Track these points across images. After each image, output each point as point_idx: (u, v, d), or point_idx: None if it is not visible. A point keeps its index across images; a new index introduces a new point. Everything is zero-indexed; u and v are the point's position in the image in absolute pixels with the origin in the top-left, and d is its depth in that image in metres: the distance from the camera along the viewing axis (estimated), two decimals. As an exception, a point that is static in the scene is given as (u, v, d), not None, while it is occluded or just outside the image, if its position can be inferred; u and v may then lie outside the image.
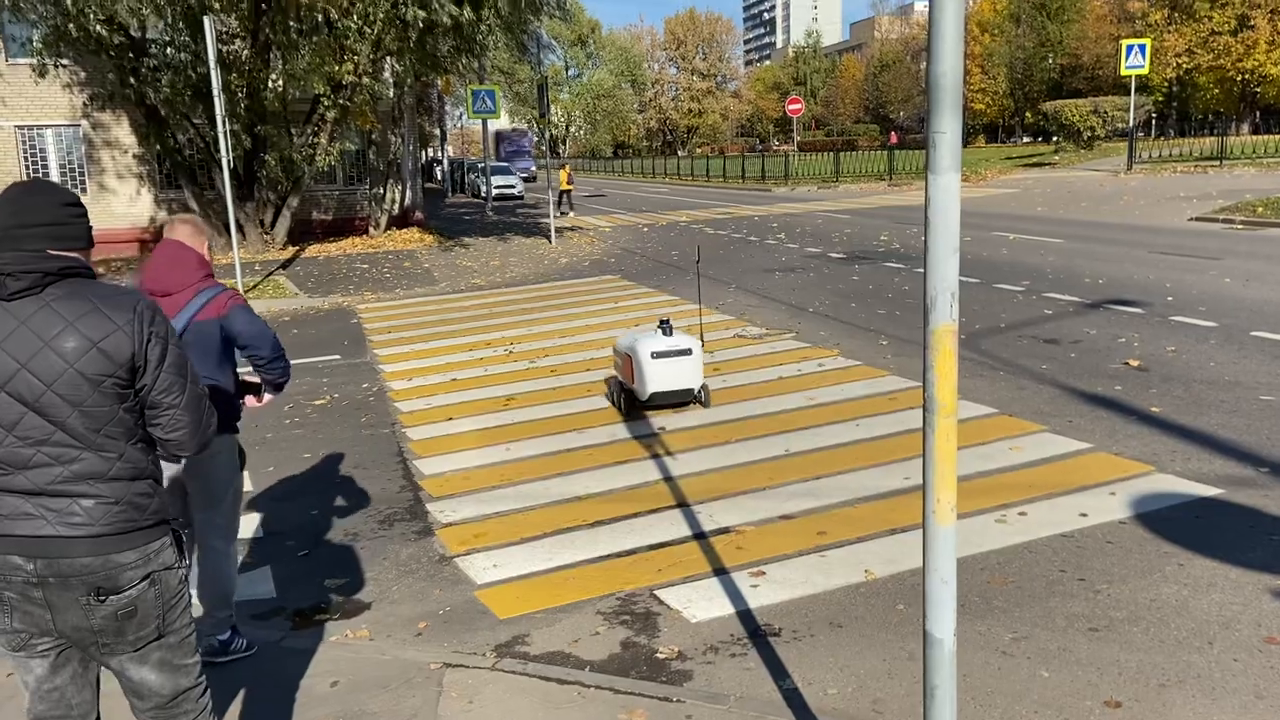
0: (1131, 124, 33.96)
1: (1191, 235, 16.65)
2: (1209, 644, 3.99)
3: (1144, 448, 6.36)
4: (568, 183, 33.66)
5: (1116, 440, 6.53)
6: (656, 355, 7.71)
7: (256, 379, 4.21)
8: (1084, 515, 5.34)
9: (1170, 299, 11.09)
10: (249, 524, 5.99)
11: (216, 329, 3.93)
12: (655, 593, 4.76)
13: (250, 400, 4.20)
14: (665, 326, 7.98)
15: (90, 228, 2.58)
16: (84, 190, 23.17)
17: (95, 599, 2.41)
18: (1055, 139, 41.93)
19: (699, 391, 8.01)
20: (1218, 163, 31.26)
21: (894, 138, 67.77)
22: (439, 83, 30.90)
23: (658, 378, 7.73)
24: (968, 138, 75.53)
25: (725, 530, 5.45)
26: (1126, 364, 8.43)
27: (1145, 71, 33.18)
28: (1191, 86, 59.84)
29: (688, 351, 7.82)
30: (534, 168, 64.41)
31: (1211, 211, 19.12)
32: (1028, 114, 69.33)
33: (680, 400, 7.98)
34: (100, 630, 2.45)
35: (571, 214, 31.07)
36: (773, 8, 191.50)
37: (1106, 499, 5.56)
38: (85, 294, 2.41)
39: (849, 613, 4.45)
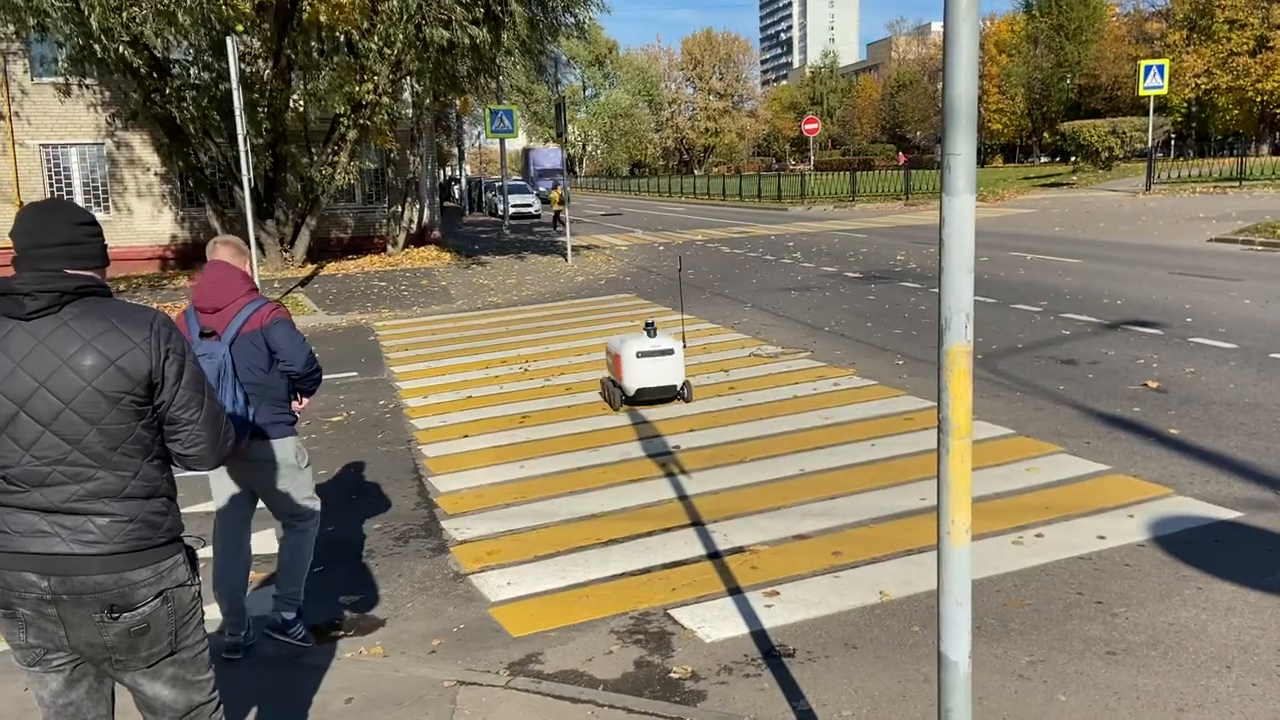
0: (1150, 144, 33.86)
1: (1211, 256, 16.57)
2: (1228, 668, 3.95)
3: (1163, 470, 6.32)
4: (559, 202, 36.67)
5: (1135, 462, 6.49)
6: (641, 354, 8.46)
7: None
8: (1102, 538, 5.30)
9: (1189, 320, 11.02)
10: (266, 541, 6.01)
11: (261, 339, 4.18)
12: (669, 612, 4.75)
13: (293, 404, 4.45)
14: (650, 329, 8.68)
15: (105, 246, 2.61)
16: (107, 208, 23.46)
17: (109, 616, 2.43)
18: (1073, 159, 41.85)
19: (681, 388, 8.68)
20: (1237, 183, 31.11)
21: (901, 158, 67.44)
22: (457, 103, 31.16)
23: (642, 375, 8.47)
24: (985, 158, 75.50)
25: (739, 549, 5.44)
26: (1145, 385, 8.38)
27: (1164, 92, 33.11)
28: (1210, 107, 59.61)
29: (670, 351, 8.55)
30: (566, 187, 63.58)
31: (1231, 232, 19.01)
32: (1045, 134, 69.19)
33: (664, 396, 8.63)
34: (113, 647, 2.47)
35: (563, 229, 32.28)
36: (790, 28, 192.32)
37: (1124, 521, 5.52)
38: (102, 312, 2.44)
39: (864, 634, 4.43)
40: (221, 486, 4.40)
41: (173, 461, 2.59)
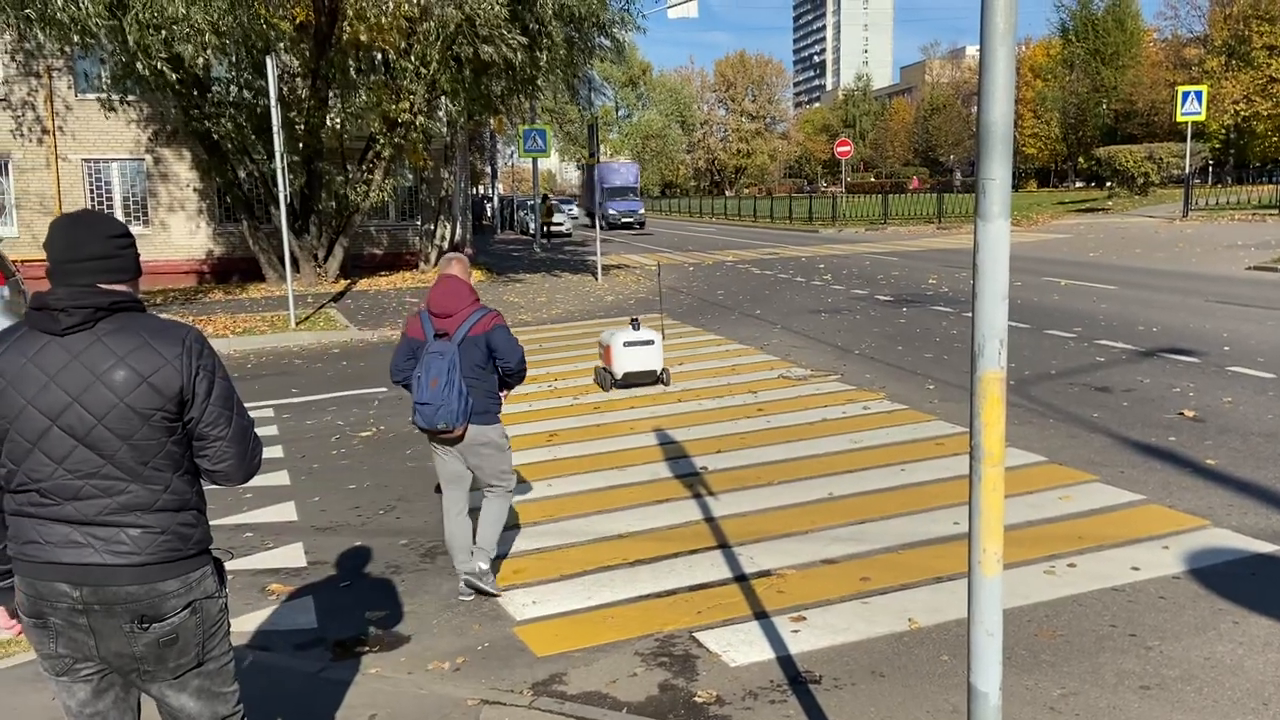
0: (1187, 170, 33.51)
1: (1249, 284, 16.33)
2: (1264, 705, 3.86)
3: (1199, 501, 6.21)
4: (547, 215, 39.88)
5: (1170, 492, 6.38)
6: (627, 344, 9.99)
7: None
8: (1136, 569, 5.21)
9: (1227, 349, 10.86)
10: (293, 554, 6.05)
11: (483, 342, 5.04)
12: (694, 635, 4.72)
13: (502, 394, 5.29)
14: (635, 324, 10.19)
15: (138, 257, 2.62)
16: (145, 222, 23.83)
17: (139, 626, 2.45)
18: (1109, 184, 41.48)
19: (661, 373, 10.23)
20: (1276, 211, 30.67)
21: (915, 183, 66.66)
22: (492, 122, 31.43)
23: (629, 361, 10.01)
24: (1019, 182, 75.00)
25: (766, 573, 5.39)
26: (1181, 414, 8.25)
27: (1202, 118, 32.80)
28: (1249, 134, 58.93)
29: (651, 342, 10.10)
30: (642, 209, 49.95)
31: (1270, 260, 18.74)
32: (1081, 159, 68.70)
33: (646, 380, 10.14)
34: (142, 657, 2.49)
35: (547, 244, 36.35)
36: (822, 51, 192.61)
37: (1159, 553, 5.42)
38: (135, 328, 2.46)
39: (892, 662, 4.37)
40: (442, 466, 5.24)
41: (202, 475, 2.61)
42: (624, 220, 46.92)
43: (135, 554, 2.43)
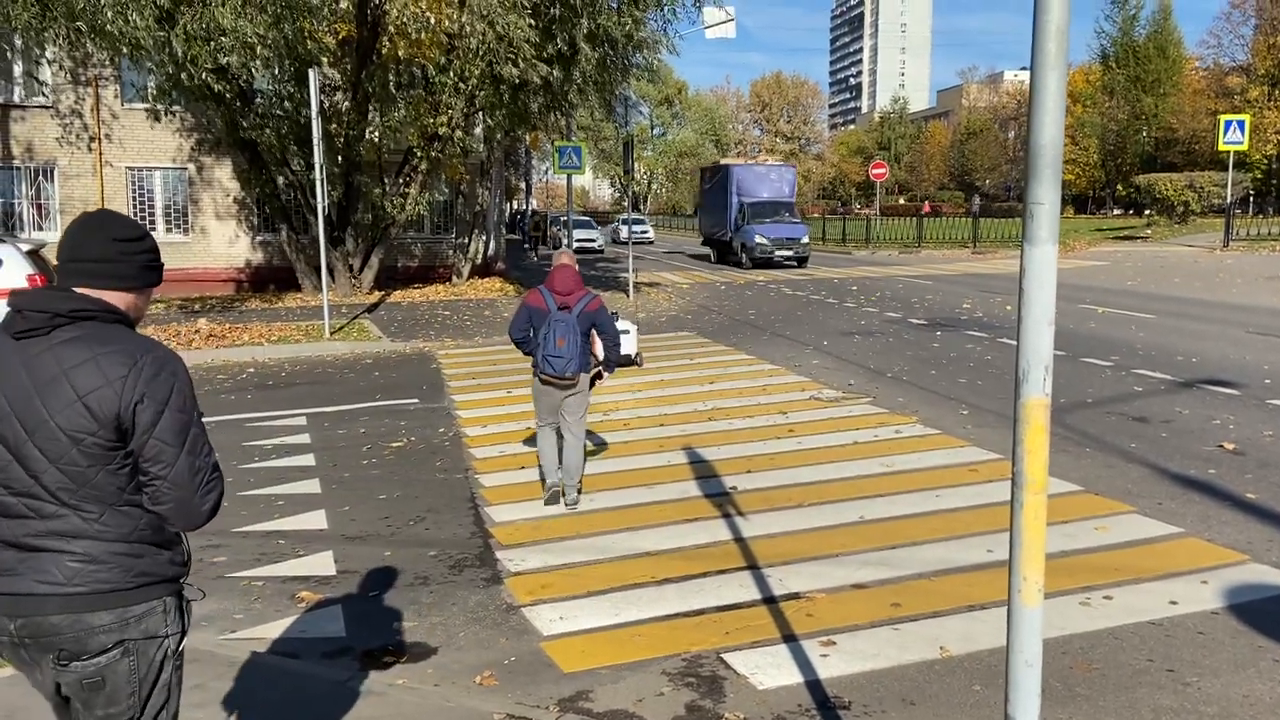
0: (1229, 200, 33.08)
1: (1291, 316, 16.06)
2: (1309, 749, 3.77)
3: (1239, 535, 6.09)
4: (535, 229, 42.13)
5: (1209, 526, 6.27)
6: None
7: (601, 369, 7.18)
8: (1174, 603, 5.11)
9: (1268, 381, 10.67)
10: (323, 563, 6.08)
11: (590, 319, 6.78)
12: (722, 656, 4.68)
13: (603, 374, 7.18)
14: (614, 315, 11.58)
15: (149, 265, 2.37)
16: (186, 230, 24.19)
17: (57, 663, 2.22)
18: (1148, 212, 41.04)
19: (635, 356, 12.24)
20: (1320, 243, 30.18)
21: (926, 207, 66.09)
22: (527, 138, 31.64)
23: None
24: (1055, 208, 74.36)
25: (795, 596, 5.35)
26: (1221, 447, 8.11)
27: (1244, 148, 32.36)
28: (1292, 164, 58.15)
29: (626, 331, 11.49)
30: (805, 236, 30.94)
31: (1313, 292, 18.43)
32: (1119, 186, 68.02)
33: (624, 363, 10.86)
34: (72, 700, 2.27)
35: (534, 255, 38.73)
36: (859, 74, 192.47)
37: (1198, 587, 5.32)
38: (91, 340, 2.21)
39: (922, 690, 4.31)
40: (548, 401, 6.88)
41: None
42: (780, 254, 29.93)
43: (62, 584, 2.19)
